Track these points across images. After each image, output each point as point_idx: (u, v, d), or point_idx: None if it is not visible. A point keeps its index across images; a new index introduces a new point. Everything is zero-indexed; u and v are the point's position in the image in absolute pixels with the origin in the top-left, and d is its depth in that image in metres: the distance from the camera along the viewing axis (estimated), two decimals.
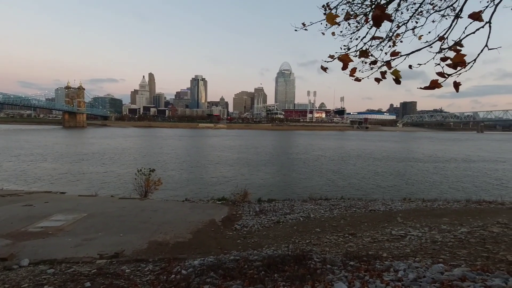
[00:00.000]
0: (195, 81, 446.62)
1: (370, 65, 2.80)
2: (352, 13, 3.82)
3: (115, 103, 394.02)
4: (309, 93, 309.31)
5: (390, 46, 3.70)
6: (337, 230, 9.83)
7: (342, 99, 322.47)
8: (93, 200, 15.53)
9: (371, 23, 2.88)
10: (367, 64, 2.91)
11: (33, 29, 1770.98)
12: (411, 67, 2.68)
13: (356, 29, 3.90)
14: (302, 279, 4.39)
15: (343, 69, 2.48)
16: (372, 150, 65.46)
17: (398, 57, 2.60)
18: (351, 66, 2.52)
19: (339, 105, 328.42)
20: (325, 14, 3.71)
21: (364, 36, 3.71)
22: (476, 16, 2.23)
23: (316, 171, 34.71)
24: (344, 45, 3.73)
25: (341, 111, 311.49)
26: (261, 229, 10.96)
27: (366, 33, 3.69)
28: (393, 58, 2.57)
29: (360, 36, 3.77)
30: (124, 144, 69.48)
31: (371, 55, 2.84)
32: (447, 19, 3.43)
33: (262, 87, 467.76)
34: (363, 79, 2.84)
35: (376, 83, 2.72)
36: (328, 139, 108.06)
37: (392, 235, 8.39)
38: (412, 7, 3.80)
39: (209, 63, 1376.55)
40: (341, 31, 3.92)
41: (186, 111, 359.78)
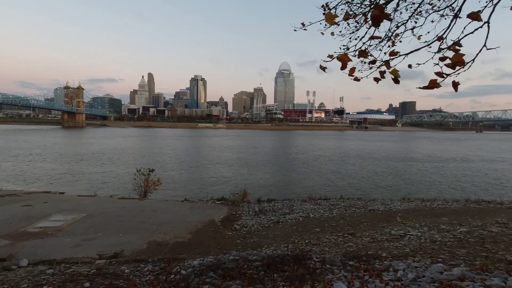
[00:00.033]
0: (195, 81, 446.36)
1: (369, 64, 2.80)
2: (351, 13, 3.83)
3: (114, 103, 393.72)
4: (308, 93, 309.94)
5: (389, 46, 3.70)
6: (336, 230, 9.84)
7: (341, 99, 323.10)
8: (92, 200, 15.51)
9: (370, 23, 2.89)
10: (366, 64, 2.91)
11: (32, 29, 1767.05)
12: (410, 66, 2.68)
13: (355, 29, 3.91)
14: (301, 279, 4.39)
15: (342, 69, 2.49)
16: (371, 150, 65.52)
17: (396, 57, 2.61)
18: (350, 65, 2.53)
19: (338, 105, 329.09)
20: (324, 14, 3.71)
21: (363, 36, 3.71)
22: (474, 16, 2.24)
23: (315, 171, 34.73)
24: (343, 45, 3.74)
25: (341, 111, 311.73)
26: (261, 229, 10.96)
27: (365, 33, 3.70)
28: (392, 57, 2.57)
29: (359, 36, 3.78)
30: (123, 144, 69.41)
31: (370, 55, 2.85)
32: (446, 19, 3.44)
33: (261, 87, 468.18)
34: (362, 78, 2.85)
35: (375, 83, 2.73)
36: (327, 139, 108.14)
37: (391, 235, 8.40)
38: (411, 7, 3.81)
39: (209, 63, 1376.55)
40: (340, 31, 3.92)
41: (185, 111, 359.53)
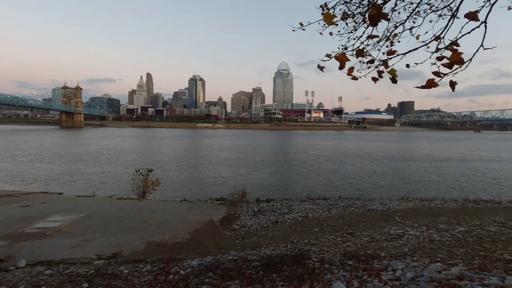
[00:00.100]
0: (193, 81, 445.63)
1: (367, 64, 2.81)
2: (349, 12, 3.83)
3: (112, 103, 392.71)
4: (307, 93, 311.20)
5: (387, 46, 3.71)
6: (335, 229, 9.85)
7: (340, 99, 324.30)
8: (91, 200, 15.46)
9: (368, 22, 2.89)
10: (364, 63, 2.92)
11: (30, 29, 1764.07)
12: (408, 66, 2.69)
13: (353, 29, 3.91)
14: (300, 278, 4.40)
15: (340, 68, 2.49)
16: (370, 149, 65.64)
17: (394, 56, 2.61)
18: (348, 65, 2.53)
19: (337, 105, 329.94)
20: (323, 14, 3.71)
21: (360, 35, 3.72)
22: (472, 16, 2.25)
23: (314, 171, 34.76)
24: (341, 45, 3.75)
25: (339, 111, 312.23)
26: (260, 229, 10.96)
27: (362, 33, 3.70)
28: (389, 57, 2.58)
29: (357, 36, 3.79)
30: (121, 144, 69.25)
31: (368, 55, 2.85)
32: (444, 19, 3.45)
33: (260, 87, 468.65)
34: (360, 78, 2.86)
35: (374, 83, 2.73)
36: (326, 139, 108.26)
37: (390, 235, 8.42)
38: (409, 7, 3.82)
39: (207, 63, 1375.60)
40: (338, 31, 3.93)
41: (184, 111, 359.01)
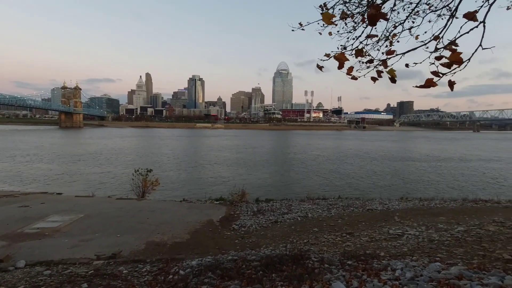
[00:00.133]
0: (193, 81, 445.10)
1: (366, 63, 2.81)
2: (348, 12, 3.83)
3: (112, 103, 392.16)
4: (306, 92, 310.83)
5: (387, 46, 3.72)
6: (335, 229, 9.86)
7: (339, 99, 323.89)
8: (90, 200, 15.44)
9: (367, 22, 2.89)
10: (363, 63, 2.92)
11: (29, 29, 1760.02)
12: (407, 65, 2.69)
13: (352, 29, 3.92)
14: (300, 278, 4.40)
15: (339, 68, 2.49)
16: (369, 149, 65.70)
17: (393, 56, 2.61)
18: (347, 65, 2.53)
19: (336, 105, 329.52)
20: (322, 14, 3.71)
21: (359, 35, 3.73)
22: (470, 16, 2.25)
23: (313, 171, 34.77)
24: (341, 45, 3.75)
25: (339, 110, 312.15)
26: (259, 229, 10.96)
27: (361, 32, 3.71)
28: (388, 57, 2.58)
29: (356, 35, 3.79)
30: (121, 144, 69.15)
31: (368, 55, 2.85)
32: (443, 19, 3.46)
33: (259, 87, 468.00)
34: (359, 77, 2.86)
35: (373, 83, 2.74)
36: (325, 139, 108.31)
37: (389, 234, 8.43)
38: (408, 7, 3.82)
39: (207, 63, 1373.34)
40: (337, 30, 3.93)
41: (183, 111, 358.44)
